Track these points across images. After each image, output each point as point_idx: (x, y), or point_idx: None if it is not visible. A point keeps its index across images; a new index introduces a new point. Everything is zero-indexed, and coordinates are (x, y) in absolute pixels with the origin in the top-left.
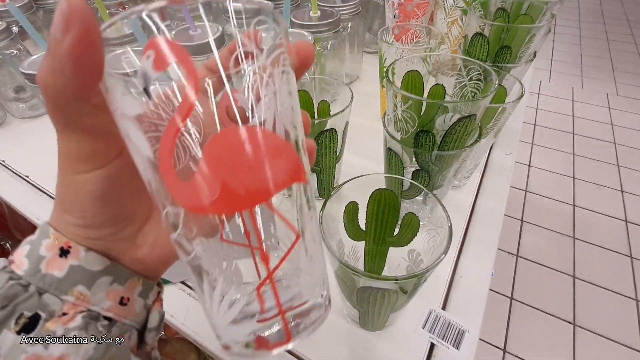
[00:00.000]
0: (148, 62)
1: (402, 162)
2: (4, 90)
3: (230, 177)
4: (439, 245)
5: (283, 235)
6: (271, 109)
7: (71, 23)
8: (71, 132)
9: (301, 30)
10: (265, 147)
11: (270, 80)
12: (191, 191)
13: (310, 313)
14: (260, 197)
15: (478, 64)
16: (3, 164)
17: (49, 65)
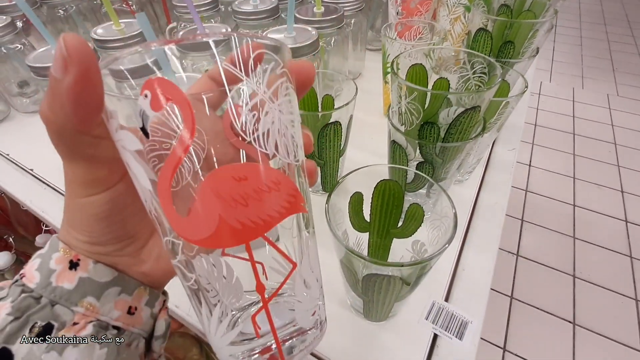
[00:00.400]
0: (145, 101)
1: (407, 154)
2: (7, 85)
3: (227, 212)
4: (443, 235)
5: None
6: (273, 136)
7: (70, 64)
8: (76, 160)
9: (305, 26)
10: (264, 182)
11: (272, 108)
12: (190, 225)
13: (305, 337)
14: (257, 232)
15: (482, 57)
16: (7, 157)
17: (49, 103)
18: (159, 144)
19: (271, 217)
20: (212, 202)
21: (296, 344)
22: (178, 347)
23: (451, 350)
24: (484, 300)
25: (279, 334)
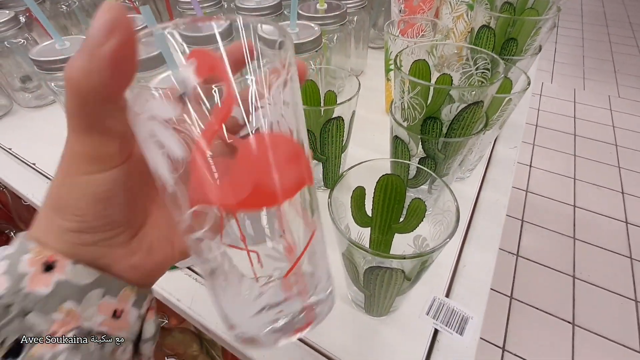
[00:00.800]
0: (190, 69)
1: (409, 150)
2: (10, 79)
3: (261, 177)
4: (445, 230)
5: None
6: (277, 116)
7: (116, 28)
8: (91, 133)
9: (308, 22)
10: (288, 152)
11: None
12: (226, 190)
13: (323, 302)
14: (286, 195)
15: (486, 53)
16: (10, 152)
17: (84, 66)
18: (195, 114)
19: (295, 183)
20: (248, 166)
21: (317, 308)
22: (178, 343)
23: (452, 345)
24: (484, 297)
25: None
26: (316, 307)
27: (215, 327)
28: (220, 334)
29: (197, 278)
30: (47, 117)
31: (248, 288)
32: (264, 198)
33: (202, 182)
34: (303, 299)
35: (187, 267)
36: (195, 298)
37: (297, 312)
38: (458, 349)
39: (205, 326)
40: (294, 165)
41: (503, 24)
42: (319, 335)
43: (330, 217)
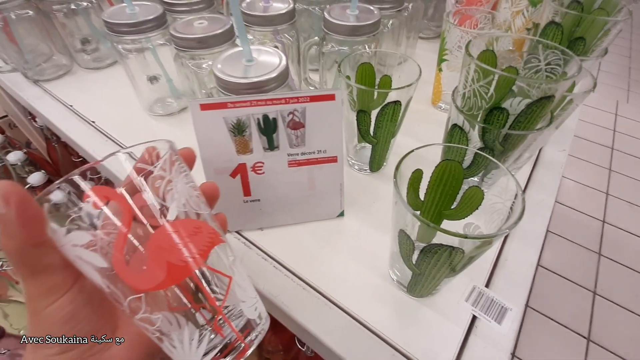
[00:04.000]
0: (88, 205)
1: (468, 139)
2: (72, 40)
3: (172, 257)
4: (500, 220)
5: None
6: (181, 201)
7: (10, 199)
8: (36, 275)
9: (367, 5)
10: (189, 230)
11: (176, 181)
12: (146, 277)
13: (255, 330)
14: (197, 264)
15: (560, 48)
16: (71, 108)
17: (6, 232)
18: (104, 234)
19: (203, 250)
20: (159, 254)
21: (251, 334)
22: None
23: (489, 333)
24: (524, 291)
25: (237, 328)
26: (250, 336)
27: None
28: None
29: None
30: (104, 78)
31: (190, 339)
32: (179, 273)
33: (129, 277)
34: (236, 334)
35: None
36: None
37: (235, 345)
38: (496, 337)
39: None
40: (197, 238)
41: (570, 22)
42: (360, 307)
43: (395, 189)
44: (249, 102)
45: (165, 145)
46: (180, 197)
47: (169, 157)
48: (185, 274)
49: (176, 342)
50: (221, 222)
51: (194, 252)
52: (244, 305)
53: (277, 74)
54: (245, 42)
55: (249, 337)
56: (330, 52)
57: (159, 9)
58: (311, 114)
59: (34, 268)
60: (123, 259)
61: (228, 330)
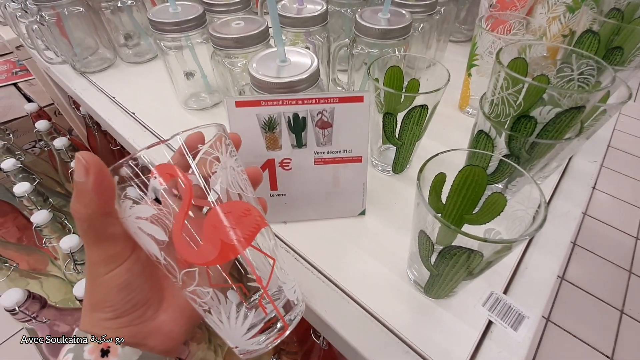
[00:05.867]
0: (155, 181)
1: (493, 145)
2: (116, 35)
3: (225, 236)
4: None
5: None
6: (231, 181)
7: (90, 169)
8: (100, 242)
9: (399, 9)
10: (240, 212)
11: (225, 161)
12: (201, 252)
13: (293, 311)
14: (247, 244)
15: (594, 59)
16: (114, 100)
17: (80, 200)
18: (166, 209)
19: (252, 232)
20: (213, 232)
21: (290, 314)
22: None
23: (505, 338)
24: (543, 300)
25: (279, 307)
26: (289, 316)
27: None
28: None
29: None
30: (144, 72)
31: (235, 315)
32: (231, 251)
33: (185, 251)
34: (277, 312)
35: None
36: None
37: (275, 323)
38: (511, 343)
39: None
40: (247, 220)
41: (609, 30)
42: (377, 304)
43: (417, 191)
44: (281, 101)
45: (217, 129)
46: (230, 177)
47: (220, 139)
48: (235, 252)
49: (223, 317)
50: (263, 206)
51: (245, 233)
52: (284, 286)
53: (309, 75)
54: (280, 44)
55: (288, 317)
56: (359, 54)
57: (200, 9)
58: (339, 115)
59: (99, 236)
60: (181, 234)
61: (270, 308)
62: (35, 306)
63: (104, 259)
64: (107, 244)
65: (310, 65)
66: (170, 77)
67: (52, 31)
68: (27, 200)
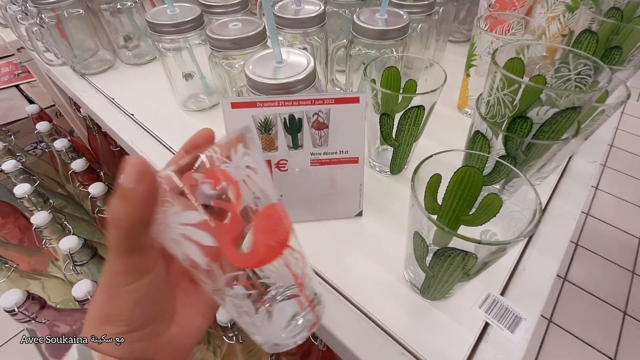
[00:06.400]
0: (206, 187)
1: (490, 146)
2: (116, 37)
3: (270, 238)
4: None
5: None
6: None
7: (143, 177)
8: (131, 252)
9: (397, 9)
10: (280, 213)
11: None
12: (248, 255)
13: (319, 306)
14: (287, 243)
15: (591, 58)
16: (113, 101)
17: (125, 207)
18: (216, 213)
19: (287, 231)
20: (260, 234)
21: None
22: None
23: (501, 340)
24: (541, 302)
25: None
26: (319, 308)
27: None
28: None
29: None
30: (144, 74)
31: (278, 313)
32: (272, 253)
33: (232, 255)
34: (310, 307)
35: None
36: None
37: (308, 317)
38: (507, 346)
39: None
40: (282, 223)
41: (607, 30)
42: (373, 305)
43: (412, 192)
44: (277, 102)
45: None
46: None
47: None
48: (278, 253)
49: (259, 316)
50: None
51: (282, 233)
52: (312, 281)
53: (305, 76)
54: (276, 45)
55: (318, 309)
56: (357, 54)
57: (197, 11)
58: (335, 116)
59: (132, 246)
60: (231, 238)
61: (305, 303)
62: (35, 307)
63: (131, 269)
64: (137, 255)
65: (306, 66)
66: (168, 79)
67: (52, 33)
68: (28, 201)
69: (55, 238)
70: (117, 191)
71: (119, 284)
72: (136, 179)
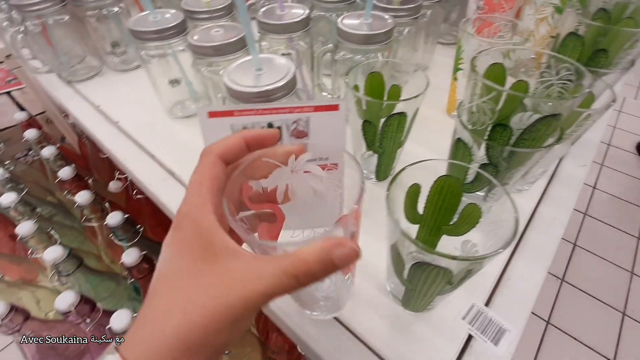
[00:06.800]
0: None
1: (471, 154)
2: (102, 43)
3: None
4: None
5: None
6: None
7: (352, 260)
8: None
9: (382, 13)
10: None
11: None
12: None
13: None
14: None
15: (572, 63)
16: (98, 109)
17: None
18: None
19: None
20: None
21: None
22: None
23: (485, 353)
24: (525, 313)
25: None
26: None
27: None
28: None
29: None
30: (131, 80)
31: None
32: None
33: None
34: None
35: None
36: None
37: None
38: (491, 359)
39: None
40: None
41: (594, 32)
42: (354, 317)
43: (387, 205)
44: (255, 111)
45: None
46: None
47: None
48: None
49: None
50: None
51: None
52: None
53: (284, 83)
54: (254, 52)
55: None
56: (343, 59)
57: (180, 16)
58: (315, 124)
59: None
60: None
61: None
62: (19, 318)
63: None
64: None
65: (287, 72)
66: (153, 86)
67: (37, 40)
68: (14, 210)
69: (42, 248)
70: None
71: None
72: (349, 260)
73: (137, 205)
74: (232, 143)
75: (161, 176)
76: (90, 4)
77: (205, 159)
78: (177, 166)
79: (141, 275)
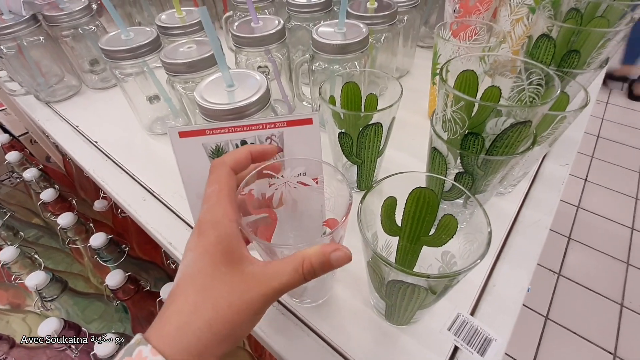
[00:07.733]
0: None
1: (447, 162)
2: (81, 62)
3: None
4: (475, 250)
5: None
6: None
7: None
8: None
9: (357, 22)
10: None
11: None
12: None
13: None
14: None
15: (540, 68)
16: (77, 129)
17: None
18: None
19: None
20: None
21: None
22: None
23: None
24: (512, 319)
25: None
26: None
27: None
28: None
29: None
30: (110, 99)
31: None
32: None
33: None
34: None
35: None
36: None
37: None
38: None
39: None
40: None
41: (566, 33)
42: (338, 334)
43: (359, 225)
44: (227, 129)
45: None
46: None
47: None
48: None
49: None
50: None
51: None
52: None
53: (257, 98)
54: (224, 69)
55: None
56: (319, 69)
57: (153, 33)
58: (289, 138)
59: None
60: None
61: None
62: (4, 347)
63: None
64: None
65: (259, 87)
66: (130, 105)
67: (13, 62)
68: None
69: (26, 273)
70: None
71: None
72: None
73: (124, 223)
74: (241, 156)
75: (141, 195)
76: (65, 23)
77: (220, 171)
78: (156, 185)
79: (127, 297)
